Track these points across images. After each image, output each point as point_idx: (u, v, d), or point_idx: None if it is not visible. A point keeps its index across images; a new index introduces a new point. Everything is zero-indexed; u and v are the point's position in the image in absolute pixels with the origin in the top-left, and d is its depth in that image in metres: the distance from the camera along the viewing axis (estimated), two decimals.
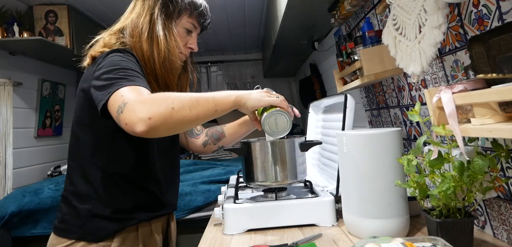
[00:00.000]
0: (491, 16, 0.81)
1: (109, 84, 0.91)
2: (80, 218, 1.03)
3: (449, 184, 0.79)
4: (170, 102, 0.86)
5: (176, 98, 0.88)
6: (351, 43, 1.42)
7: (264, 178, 1.18)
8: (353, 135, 1.01)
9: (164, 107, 0.84)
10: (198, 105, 0.90)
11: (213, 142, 1.43)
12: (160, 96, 0.87)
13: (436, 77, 1.09)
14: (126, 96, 0.86)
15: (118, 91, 0.88)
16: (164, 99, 0.86)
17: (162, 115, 0.84)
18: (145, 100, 0.85)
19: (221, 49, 4.10)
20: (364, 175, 0.97)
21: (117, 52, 1.00)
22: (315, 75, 2.90)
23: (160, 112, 0.83)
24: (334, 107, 1.49)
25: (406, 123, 1.40)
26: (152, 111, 0.83)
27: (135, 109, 0.83)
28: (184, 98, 0.89)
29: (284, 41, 2.48)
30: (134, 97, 0.85)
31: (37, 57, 2.79)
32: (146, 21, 1.10)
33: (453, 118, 0.75)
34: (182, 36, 1.16)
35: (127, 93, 0.87)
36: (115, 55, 0.99)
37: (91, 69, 1.03)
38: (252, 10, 2.95)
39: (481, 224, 0.99)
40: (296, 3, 1.72)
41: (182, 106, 0.87)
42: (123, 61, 0.97)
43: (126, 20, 1.13)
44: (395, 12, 0.99)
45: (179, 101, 0.87)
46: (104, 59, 0.99)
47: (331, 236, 1.04)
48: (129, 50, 1.03)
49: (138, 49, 1.08)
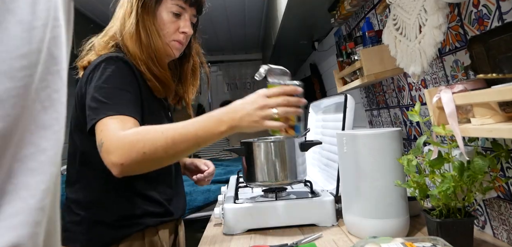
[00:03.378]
0: (491, 16, 0.81)
1: (95, 108, 0.90)
2: (83, 226, 0.99)
3: (449, 184, 0.79)
4: (142, 146, 0.82)
5: (148, 140, 0.83)
6: (351, 43, 1.42)
7: (264, 178, 1.18)
8: (353, 135, 1.01)
9: (135, 153, 0.82)
10: (174, 146, 0.85)
11: None
12: (133, 137, 0.84)
13: (436, 77, 1.09)
14: (105, 133, 0.86)
15: (101, 122, 0.88)
16: (136, 143, 0.83)
17: (134, 161, 0.82)
18: (118, 143, 0.83)
19: (221, 49, 4.10)
20: (364, 175, 0.97)
21: (109, 63, 0.96)
22: (315, 75, 2.90)
23: (132, 158, 0.82)
24: (334, 107, 1.49)
25: (406, 123, 1.40)
26: (123, 157, 0.82)
27: (108, 152, 0.83)
28: (158, 139, 0.84)
29: (284, 41, 2.48)
30: (111, 136, 0.84)
31: None
32: (131, 17, 1.03)
33: (453, 118, 0.75)
34: (170, 21, 1.06)
35: (107, 128, 0.86)
36: (107, 68, 0.95)
37: (84, 77, 1.00)
38: (252, 10, 2.95)
39: (481, 224, 0.99)
40: (296, 3, 1.72)
41: (155, 149, 0.83)
42: (113, 77, 0.94)
43: (115, 21, 1.08)
44: (395, 12, 0.99)
45: (152, 144, 0.83)
46: (96, 71, 0.95)
47: (331, 236, 1.04)
48: (121, 57, 0.98)
49: (126, 49, 1.03)
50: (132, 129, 0.87)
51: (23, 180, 0.30)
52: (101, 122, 0.88)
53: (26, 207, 0.29)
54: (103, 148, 0.85)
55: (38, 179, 0.30)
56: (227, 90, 4.37)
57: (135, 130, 0.86)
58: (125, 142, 0.83)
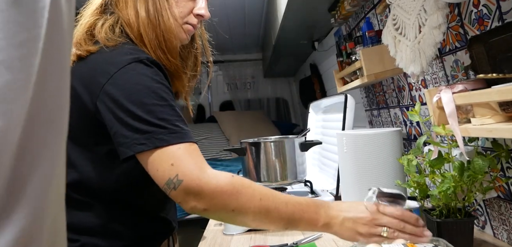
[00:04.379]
0: (491, 16, 0.81)
1: (146, 131, 0.71)
2: (82, 237, 0.81)
3: (449, 184, 0.79)
4: (235, 204, 0.71)
5: (243, 200, 0.71)
6: (351, 43, 1.42)
7: (264, 178, 1.18)
8: (353, 135, 1.01)
9: (225, 206, 0.71)
10: (265, 217, 0.73)
11: None
12: (228, 189, 0.71)
13: (436, 77, 1.09)
14: (183, 169, 0.70)
15: (166, 151, 0.70)
16: (230, 196, 0.71)
17: (219, 211, 0.72)
18: (209, 189, 0.70)
19: (221, 49, 4.09)
20: (364, 175, 0.97)
21: (139, 67, 0.75)
22: (315, 75, 2.90)
23: (219, 209, 0.72)
24: (334, 107, 1.49)
25: (406, 123, 1.40)
26: (212, 205, 0.71)
27: (195, 194, 0.70)
28: (253, 203, 0.72)
29: (284, 41, 2.48)
30: (195, 177, 0.69)
31: None
32: None
33: (453, 118, 0.75)
34: (185, 1, 0.88)
35: (181, 162, 0.70)
36: (141, 74, 0.74)
37: (93, 77, 0.76)
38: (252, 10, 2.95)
39: (481, 224, 0.99)
40: (296, 3, 1.72)
41: (245, 211, 0.72)
42: (154, 87, 0.74)
43: None
44: (395, 12, 0.99)
45: (244, 205, 0.71)
46: (114, 76, 0.74)
47: (331, 236, 1.04)
48: (151, 58, 0.78)
49: (127, 23, 0.83)
50: (227, 178, 0.72)
51: (27, 179, 0.28)
52: (166, 152, 0.70)
53: (31, 207, 0.28)
54: (183, 187, 0.70)
55: (42, 177, 0.29)
56: (227, 90, 4.37)
57: (229, 180, 0.72)
58: (218, 191, 0.70)
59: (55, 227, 0.32)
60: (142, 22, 0.82)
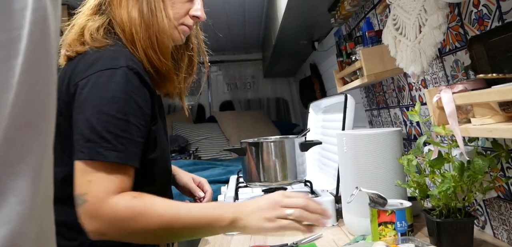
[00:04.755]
0: (491, 16, 0.81)
1: (90, 141, 0.71)
2: None
3: (449, 184, 0.79)
4: (133, 227, 0.70)
5: (141, 222, 0.70)
6: (351, 43, 1.42)
7: (264, 178, 1.18)
8: (353, 135, 1.01)
9: (123, 230, 0.71)
10: (167, 231, 0.73)
11: None
12: (125, 214, 0.70)
13: (436, 77, 1.09)
14: (93, 189, 0.70)
15: (90, 165, 0.71)
16: (127, 221, 0.70)
17: (117, 235, 0.72)
18: (107, 214, 0.70)
19: (221, 49, 4.09)
20: (364, 175, 0.97)
21: (113, 75, 0.75)
22: (315, 75, 2.90)
23: (116, 234, 0.71)
24: (334, 107, 1.49)
25: (406, 123, 1.40)
26: (108, 230, 0.71)
27: (91, 216, 0.70)
28: (152, 222, 0.71)
29: (284, 41, 2.48)
30: (99, 200, 0.70)
31: None
32: None
33: (453, 118, 0.75)
34: (181, 2, 0.88)
35: (97, 184, 0.70)
36: (110, 82, 0.74)
37: (71, 78, 0.78)
38: (252, 10, 2.94)
39: (481, 224, 0.99)
40: (296, 3, 1.72)
41: (144, 232, 0.72)
42: (118, 99, 0.73)
43: None
44: (395, 12, 0.99)
45: (143, 226, 0.71)
46: (92, 80, 0.74)
47: (331, 236, 1.04)
48: (130, 65, 0.77)
49: (119, 22, 0.82)
50: (125, 199, 0.72)
51: (10, 185, 0.26)
52: (91, 166, 0.71)
53: (14, 215, 0.26)
54: (85, 207, 0.70)
55: (27, 183, 0.27)
56: (227, 90, 4.37)
57: (128, 202, 0.71)
58: (113, 217, 0.70)
59: (43, 232, 0.30)
60: (134, 22, 0.81)
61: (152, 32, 0.82)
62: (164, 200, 0.75)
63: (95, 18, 0.84)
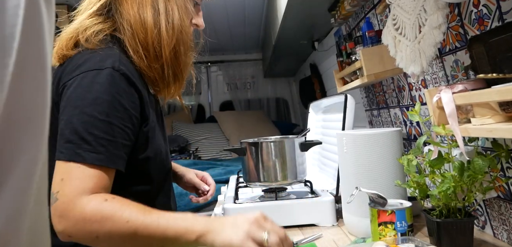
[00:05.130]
0: (491, 16, 0.81)
1: (70, 142, 0.71)
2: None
3: (449, 184, 0.79)
4: (96, 230, 0.69)
5: (107, 226, 0.68)
6: (351, 43, 1.42)
7: (264, 178, 1.18)
8: (353, 135, 1.01)
9: (87, 233, 0.69)
10: (134, 241, 0.70)
11: None
12: (91, 216, 0.69)
13: (436, 77, 1.09)
14: (66, 189, 0.69)
15: (67, 166, 0.71)
16: (92, 224, 0.68)
17: (82, 238, 0.70)
18: (74, 214, 0.69)
19: (221, 49, 4.09)
20: (364, 175, 0.97)
21: (99, 75, 0.74)
22: (315, 75, 2.90)
23: (81, 236, 0.70)
24: (334, 107, 1.49)
25: (406, 123, 1.40)
26: (73, 232, 0.69)
27: (60, 215, 0.69)
28: (118, 227, 0.69)
29: (284, 41, 2.48)
30: (69, 200, 0.69)
31: None
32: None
33: (453, 118, 0.75)
34: (189, 10, 0.90)
35: (70, 184, 0.70)
36: (95, 82, 0.74)
37: (61, 78, 0.79)
38: (252, 10, 2.94)
39: (481, 224, 0.99)
40: (296, 3, 1.72)
41: (110, 237, 0.69)
42: (102, 101, 0.73)
43: None
44: (395, 12, 0.99)
45: (108, 231, 0.69)
46: (78, 80, 0.74)
47: (331, 236, 1.04)
48: (117, 66, 0.77)
49: (136, 27, 0.81)
50: (95, 202, 0.70)
51: (3, 180, 0.26)
52: (68, 166, 0.71)
53: (6, 209, 0.26)
54: (56, 205, 0.69)
55: (19, 180, 0.27)
56: (227, 90, 4.37)
57: (97, 205, 0.70)
58: (80, 218, 0.69)
59: (36, 226, 0.30)
60: (166, 34, 0.82)
61: (180, 34, 0.84)
62: (136, 207, 0.72)
63: (96, 20, 0.84)
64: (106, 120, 0.73)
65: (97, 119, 0.72)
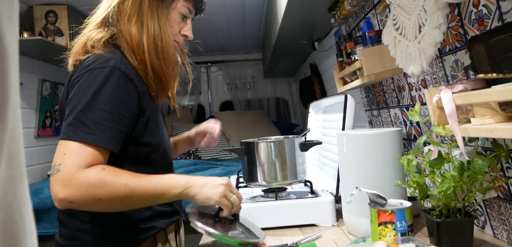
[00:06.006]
0: (491, 16, 0.81)
1: (72, 125, 0.83)
2: (96, 234, 0.93)
3: (449, 184, 0.79)
4: (99, 193, 0.81)
5: (108, 189, 0.81)
6: (351, 43, 1.42)
7: (264, 178, 1.18)
8: (353, 135, 1.01)
9: (90, 196, 0.80)
10: (131, 198, 0.84)
11: None
12: (93, 180, 0.80)
13: (436, 77, 1.09)
14: (67, 160, 0.80)
15: (68, 143, 0.82)
16: (95, 187, 0.80)
17: (85, 202, 0.81)
18: (76, 181, 0.79)
19: (221, 49, 4.10)
20: (364, 175, 0.97)
21: (101, 73, 0.87)
22: (315, 75, 2.90)
23: (84, 200, 0.80)
24: (334, 107, 1.49)
25: (406, 123, 1.40)
26: (75, 196, 0.79)
27: (62, 184, 0.79)
28: (118, 189, 0.82)
29: (284, 41, 2.48)
30: (70, 170, 0.79)
31: (37, 57, 2.79)
32: (134, 3, 0.97)
33: (453, 118, 0.75)
34: (177, 22, 1.05)
35: (71, 157, 0.81)
36: (98, 78, 0.87)
37: (71, 78, 0.92)
38: (252, 10, 2.95)
39: (481, 224, 0.99)
40: (296, 3, 1.72)
41: (111, 198, 0.82)
42: (103, 93, 0.86)
43: (109, 7, 0.99)
44: (395, 12, 0.99)
45: (110, 192, 0.82)
46: (84, 77, 0.88)
47: (331, 236, 1.04)
48: (117, 66, 0.90)
49: (126, 36, 0.96)
50: (96, 170, 0.82)
51: None
52: (69, 144, 0.82)
53: None
54: (58, 175, 0.79)
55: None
56: (227, 90, 4.37)
57: (98, 173, 0.82)
58: (83, 184, 0.79)
59: (12, 230, 0.29)
60: (146, 42, 0.96)
61: (159, 43, 0.98)
62: (130, 173, 0.86)
63: (100, 31, 0.98)
64: (104, 109, 0.85)
65: (96, 108, 0.85)
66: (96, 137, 0.84)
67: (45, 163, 2.97)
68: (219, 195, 0.92)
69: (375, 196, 0.89)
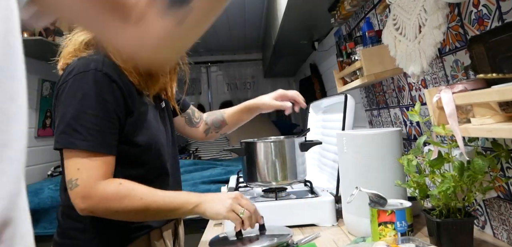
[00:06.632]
0: (491, 16, 0.81)
1: (67, 133, 0.86)
2: (89, 233, 0.95)
3: (449, 184, 0.79)
4: (117, 206, 0.87)
5: (125, 203, 0.87)
6: (351, 43, 1.42)
7: (264, 178, 1.18)
8: (353, 135, 1.01)
9: (108, 209, 0.87)
10: (147, 212, 0.90)
11: (215, 130, 1.32)
12: (111, 195, 0.86)
13: (436, 77, 1.09)
14: (83, 176, 0.85)
15: (73, 154, 0.86)
16: (113, 201, 0.86)
17: (103, 213, 0.88)
18: (96, 195, 0.85)
19: (221, 49, 4.10)
20: (364, 175, 0.97)
21: (84, 77, 0.88)
22: (315, 75, 2.90)
23: (103, 211, 0.87)
24: (334, 107, 1.49)
25: (406, 123, 1.40)
26: (96, 209, 0.86)
27: (83, 197, 0.85)
28: (134, 204, 0.88)
29: (284, 41, 2.48)
30: (89, 184, 0.85)
31: (37, 57, 2.79)
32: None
33: (453, 118, 0.75)
34: None
35: (86, 171, 0.85)
36: (82, 84, 0.88)
37: (57, 84, 0.93)
38: (252, 10, 2.95)
39: (481, 224, 0.99)
40: (296, 3, 1.72)
41: (127, 211, 0.88)
42: (88, 97, 0.87)
43: None
44: (395, 12, 0.99)
45: (126, 206, 0.87)
46: (68, 84, 0.88)
47: (331, 236, 1.04)
48: (99, 68, 0.89)
49: None
50: (113, 184, 0.87)
51: None
52: (76, 157, 0.86)
53: (6, 192, 0.28)
54: (77, 190, 0.85)
55: (4, 180, 0.28)
56: (227, 90, 4.37)
57: (115, 187, 0.87)
58: (102, 197, 0.86)
59: (23, 201, 0.33)
60: None
61: None
62: (145, 187, 0.90)
63: (88, 34, 0.97)
64: (93, 114, 0.87)
65: (86, 113, 0.87)
66: (90, 143, 0.86)
67: (45, 163, 2.97)
68: (226, 210, 0.93)
69: (375, 196, 0.89)
